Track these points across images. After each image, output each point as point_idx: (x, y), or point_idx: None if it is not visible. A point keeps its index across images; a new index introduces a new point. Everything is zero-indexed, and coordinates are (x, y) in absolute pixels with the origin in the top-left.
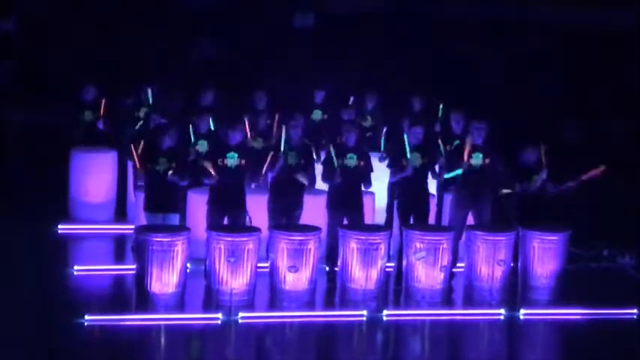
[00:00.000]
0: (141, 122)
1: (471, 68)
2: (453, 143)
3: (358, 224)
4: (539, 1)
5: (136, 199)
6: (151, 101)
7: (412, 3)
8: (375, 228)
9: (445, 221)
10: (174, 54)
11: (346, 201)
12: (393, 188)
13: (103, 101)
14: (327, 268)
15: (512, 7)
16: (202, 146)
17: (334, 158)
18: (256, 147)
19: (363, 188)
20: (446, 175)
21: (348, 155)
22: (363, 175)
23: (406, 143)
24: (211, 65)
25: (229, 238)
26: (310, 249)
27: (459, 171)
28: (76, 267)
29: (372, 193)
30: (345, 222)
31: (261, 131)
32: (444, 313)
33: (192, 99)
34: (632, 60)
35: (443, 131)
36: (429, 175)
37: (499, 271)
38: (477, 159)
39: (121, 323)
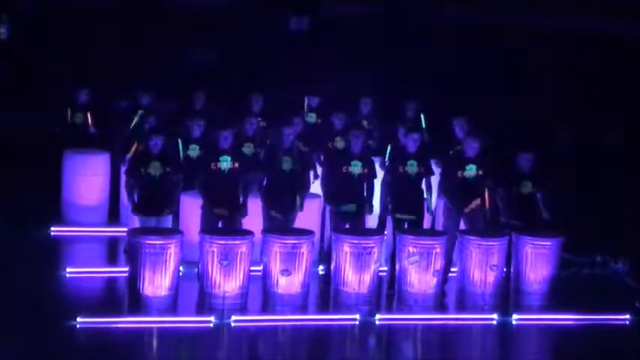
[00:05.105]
0: (135, 122)
1: (467, 75)
2: (456, 149)
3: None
4: (539, 9)
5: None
6: (146, 104)
7: (410, 8)
8: (368, 232)
9: (438, 226)
10: (169, 57)
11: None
12: (385, 193)
13: (89, 113)
14: (324, 272)
15: (512, 15)
16: (194, 151)
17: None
18: (246, 153)
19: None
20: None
21: (353, 162)
22: (367, 184)
23: None
24: (206, 69)
25: (222, 242)
26: (303, 252)
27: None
28: (68, 269)
29: None
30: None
31: (251, 136)
32: (436, 318)
33: (187, 103)
34: (632, 69)
35: (434, 139)
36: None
37: (492, 276)
38: (471, 170)
39: (114, 326)
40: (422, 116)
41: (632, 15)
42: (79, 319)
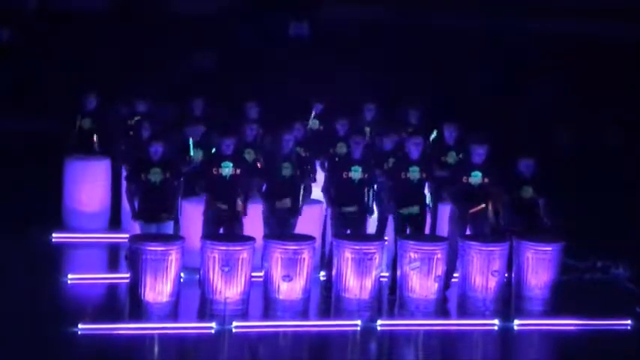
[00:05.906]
0: (132, 132)
1: (468, 78)
2: (447, 154)
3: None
4: (538, 12)
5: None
6: (142, 111)
7: (411, 13)
8: (369, 238)
9: (439, 231)
10: (170, 61)
11: (350, 215)
12: (382, 198)
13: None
14: (325, 278)
15: (512, 18)
16: (197, 155)
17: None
18: (247, 159)
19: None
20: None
21: (353, 168)
22: (368, 189)
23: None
24: (206, 74)
25: (223, 247)
26: (304, 258)
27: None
28: (69, 276)
29: None
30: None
31: (251, 142)
32: (438, 324)
33: (187, 108)
34: (632, 69)
35: (436, 146)
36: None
37: (493, 282)
38: (476, 177)
39: (115, 332)
40: (434, 132)
41: (631, 16)
42: (80, 326)
